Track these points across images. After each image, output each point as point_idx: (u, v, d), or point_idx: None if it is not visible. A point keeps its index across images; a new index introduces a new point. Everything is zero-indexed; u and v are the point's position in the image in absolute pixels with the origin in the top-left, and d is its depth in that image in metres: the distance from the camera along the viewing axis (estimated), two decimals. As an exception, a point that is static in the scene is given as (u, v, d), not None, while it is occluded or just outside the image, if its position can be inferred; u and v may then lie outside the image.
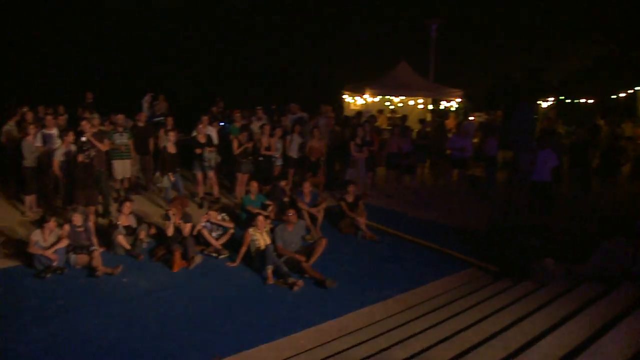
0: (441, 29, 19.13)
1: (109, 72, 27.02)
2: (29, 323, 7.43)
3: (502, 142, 14.84)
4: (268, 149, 13.47)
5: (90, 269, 9.17)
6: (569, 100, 26.10)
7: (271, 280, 9.00)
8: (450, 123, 18.27)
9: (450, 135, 16.38)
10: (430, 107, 20.05)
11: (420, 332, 6.75)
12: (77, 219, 9.65)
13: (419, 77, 20.15)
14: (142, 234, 10.30)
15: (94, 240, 9.71)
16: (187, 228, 10.20)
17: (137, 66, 28.08)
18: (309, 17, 32.68)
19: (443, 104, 20.39)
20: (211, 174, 13.02)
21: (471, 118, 18.38)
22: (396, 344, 6.41)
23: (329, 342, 7.05)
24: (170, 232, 10.03)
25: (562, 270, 8.60)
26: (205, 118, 13.47)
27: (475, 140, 16.79)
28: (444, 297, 8.64)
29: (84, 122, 11.68)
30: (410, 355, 5.97)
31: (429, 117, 18.73)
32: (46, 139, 11.63)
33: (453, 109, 20.25)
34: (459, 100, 20.14)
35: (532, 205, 12.59)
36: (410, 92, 19.82)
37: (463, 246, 10.85)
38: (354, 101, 20.60)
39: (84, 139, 11.17)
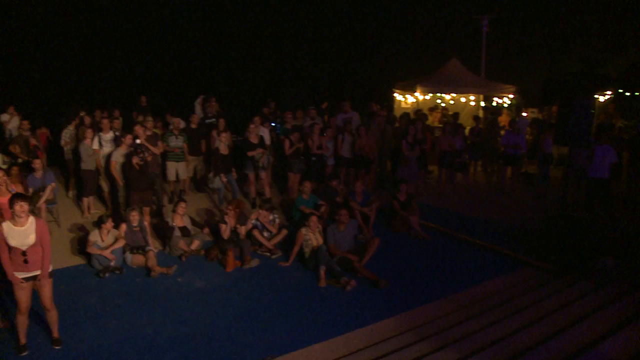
0: (492, 24, 18.83)
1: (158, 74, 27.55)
2: (87, 321, 7.65)
3: (557, 137, 14.46)
4: (320, 148, 13.46)
5: (146, 269, 9.41)
6: (629, 93, 25.17)
7: (324, 280, 9.02)
8: (503, 119, 17.95)
9: (503, 132, 16.09)
10: (483, 103, 19.74)
11: (473, 333, 6.67)
12: (135, 218, 9.91)
13: (470, 74, 19.85)
14: (195, 244, 10.38)
15: (150, 240, 9.96)
16: (243, 230, 10.34)
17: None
18: (358, 16, 32.57)
19: (495, 101, 20.05)
20: (263, 174, 13.09)
21: (524, 114, 17.97)
22: (449, 344, 6.36)
23: (381, 341, 7.03)
24: (226, 235, 10.18)
25: (622, 269, 8.35)
26: (257, 119, 13.53)
27: (529, 137, 16.44)
28: (498, 296, 8.50)
29: (137, 127, 11.92)
30: (463, 355, 5.91)
31: (481, 114, 18.45)
32: (102, 142, 11.94)
33: (506, 105, 19.88)
34: (511, 96, 19.76)
35: (589, 203, 12.25)
36: (461, 89, 19.57)
37: (517, 245, 10.66)
38: (405, 99, 20.44)
39: (138, 141, 11.46)
